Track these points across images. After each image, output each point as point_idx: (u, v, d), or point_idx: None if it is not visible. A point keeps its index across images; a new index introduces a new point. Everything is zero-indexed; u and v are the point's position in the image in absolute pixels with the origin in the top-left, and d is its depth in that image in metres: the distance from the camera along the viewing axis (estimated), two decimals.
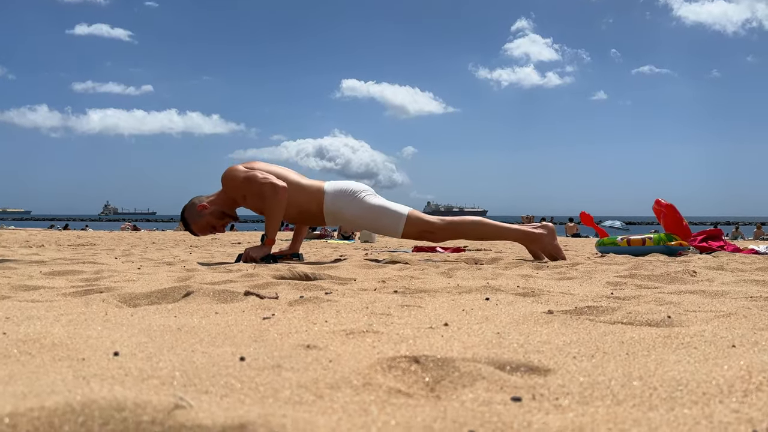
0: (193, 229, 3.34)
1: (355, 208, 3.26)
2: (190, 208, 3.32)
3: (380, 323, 1.16)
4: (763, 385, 0.68)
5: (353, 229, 3.42)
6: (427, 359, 0.77)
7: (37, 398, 0.58)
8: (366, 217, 3.27)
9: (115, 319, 1.18)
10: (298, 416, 0.56)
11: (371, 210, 3.26)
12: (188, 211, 3.33)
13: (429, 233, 3.26)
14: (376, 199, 3.31)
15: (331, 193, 3.27)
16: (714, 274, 2.35)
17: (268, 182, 3.11)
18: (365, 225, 3.30)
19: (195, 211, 3.30)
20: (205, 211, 3.27)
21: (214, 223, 3.30)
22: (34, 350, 0.85)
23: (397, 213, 3.26)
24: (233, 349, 0.88)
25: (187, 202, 3.38)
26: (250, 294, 1.50)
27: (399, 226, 3.25)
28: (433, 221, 3.25)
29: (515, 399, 0.66)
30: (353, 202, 3.26)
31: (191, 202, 3.35)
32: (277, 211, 3.11)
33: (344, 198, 3.26)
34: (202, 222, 3.29)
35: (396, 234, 3.28)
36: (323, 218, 3.31)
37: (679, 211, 4.63)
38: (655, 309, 1.32)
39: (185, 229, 3.42)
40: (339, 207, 3.26)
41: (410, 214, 3.26)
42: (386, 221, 3.26)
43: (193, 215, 3.30)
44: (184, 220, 3.35)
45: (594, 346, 0.93)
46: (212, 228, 3.32)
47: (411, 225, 3.25)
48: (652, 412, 0.62)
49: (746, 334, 0.99)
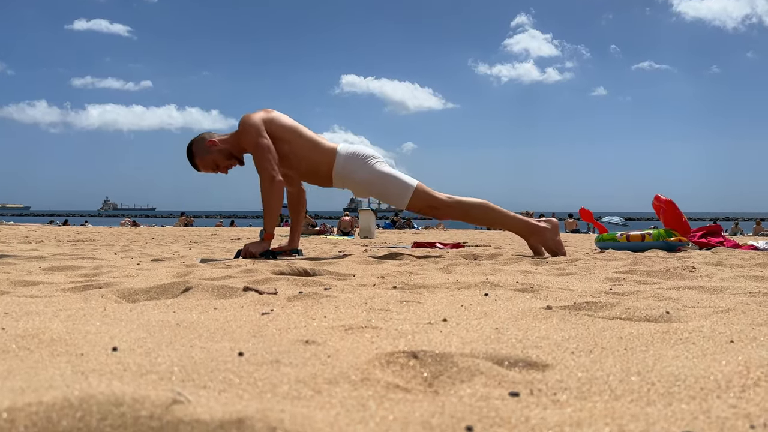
0: (196, 163, 3.24)
1: (364, 173, 3.21)
2: (199, 141, 3.22)
3: (379, 319, 1.16)
4: (761, 380, 0.68)
5: (360, 194, 3.36)
6: (425, 354, 0.77)
7: (36, 393, 0.58)
8: (374, 183, 3.22)
9: (113, 314, 1.18)
10: (296, 411, 0.56)
11: (380, 176, 3.22)
12: (196, 145, 3.23)
13: (434, 208, 3.23)
14: (386, 166, 3.26)
15: (343, 155, 3.21)
16: (713, 270, 2.35)
17: (267, 172, 3.05)
18: (372, 191, 3.25)
19: (204, 145, 3.20)
20: (213, 148, 3.18)
21: (219, 162, 3.21)
22: (32, 345, 0.85)
23: (406, 183, 3.22)
24: (232, 345, 0.88)
25: (196, 136, 3.29)
26: (249, 289, 1.50)
27: (406, 196, 3.21)
28: (440, 197, 3.23)
29: (513, 394, 0.66)
30: (364, 167, 3.21)
31: (201, 136, 3.25)
32: (274, 206, 3.07)
33: (355, 161, 3.21)
34: (208, 158, 3.20)
35: (401, 204, 3.24)
36: (331, 179, 3.25)
37: (679, 207, 4.63)
38: (653, 305, 1.32)
39: (189, 163, 3.27)
40: (349, 170, 3.21)
41: (418, 186, 3.22)
42: (393, 190, 3.22)
43: (201, 149, 3.21)
44: (190, 153, 3.24)
45: (592, 342, 0.93)
46: (216, 166, 3.23)
47: (417, 198, 3.21)
48: (650, 408, 0.62)
49: (744, 330, 0.99)
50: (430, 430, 0.55)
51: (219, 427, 0.50)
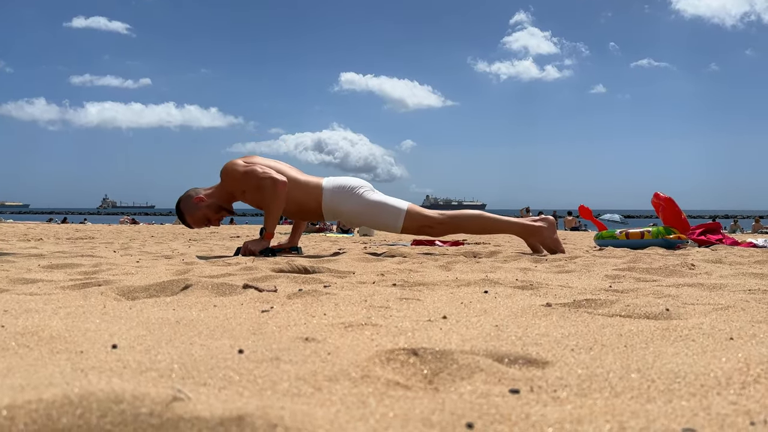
0: (188, 221, 3.32)
1: (353, 205, 3.25)
2: (186, 200, 3.30)
3: (379, 316, 1.16)
4: (761, 377, 0.68)
5: (352, 225, 3.41)
6: (425, 352, 0.77)
7: (35, 390, 0.58)
8: (365, 213, 3.27)
9: (113, 312, 1.18)
10: (296, 408, 0.56)
11: (370, 206, 3.26)
12: (184, 203, 3.31)
13: (428, 228, 3.26)
14: (374, 194, 3.30)
15: (329, 190, 3.26)
16: (712, 267, 2.35)
17: (267, 176, 3.10)
18: (364, 221, 3.30)
19: (191, 203, 3.28)
20: (201, 203, 3.26)
21: (210, 216, 3.29)
22: (32, 343, 0.85)
23: (396, 208, 3.25)
24: (232, 342, 0.88)
25: (183, 194, 3.36)
26: (248, 287, 1.50)
27: (398, 221, 3.24)
28: (432, 216, 3.25)
29: (513, 391, 0.66)
30: (351, 198, 3.25)
31: (187, 193, 3.33)
32: (276, 205, 3.10)
33: (342, 194, 3.26)
34: (198, 215, 3.27)
35: (395, 230, 3.28)
36: (322, 214, 3.31)
37: (678, 205, 4.63)
38: (653, 302, 1.32)
39: (180, 222, 3.42)
40: (337, 203, 3.26)
41: (409, 209, 3.25)
42: (385, 217, 3.26)
43: (189, 207, 3.28)
44: (180, 211, 3.32)
45: (592, 339, 0.93)
46: (208, 221, 3.30)
47: (410, 220, 3.25)
48: (650, 404, 0.62)
49: (744, 327, 0.99)
50: (431, 427, 0.55)
51: (219, 424, 0.50)
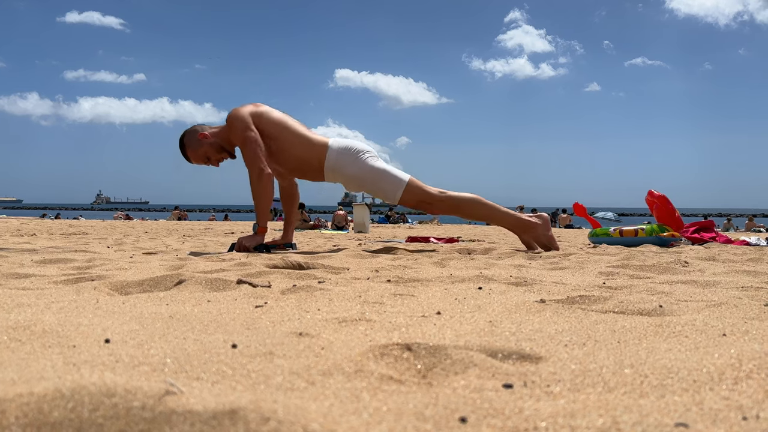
0: (188, 155, 3.26)
1: (356, 168, 3.20)
2: (191, 133, 3.24)
3: (373, 312, 1.16)
4: (753, 372, 0.69)
5: (352, 189, 3.36)
6: (419, 347, 0.77)
7: (27, 384, 0.57)
8: (366, 178, 3.22)
9: (106, 306, 1.17)
10: (289, 402, 0.56)
11: (372, 171, 3.21)
12: (188, 137, 3.24)
13: (426, 203, 3.23)
14: (378, 161, 3.26)
15: (334, 149, 3.21)
16: (705, 265, 2.36)
17: (255, 165, 3.04)
18: (364, 185, 3.25)
19: (195, 137, 3.22)
20: (205, 140, 3.20)
21: (210, 154, 3.22)
22: (24, 337, 0.84)
23: (398, 178, 3.21)
24: (225, 337, 0.88)
25: (188, 127, 3.30)
26: (242, 282, 1.49)
27: (398, 191, 3.21)
28: (432, 192, 3.23)
29: (507, 386, 0.66)
30: (356, 162, 3.21)
31: (193, 128, 3.27)
32: (263, 198, 3.06)
33: (347, 156, 3.21)
34: (199, 150, 3.21)
35: (393, 200, 3.24)
36: (323, 174, 3.25)
37: (672, 203, 4.65)
38: (646, 298, 1.32)
39: (181, 154, 3.30)
40: (341, 164, 3.20)
41: (410, 181, 3.22)
42: (385, 185, 3.21)
43: (192, 142, 3.22)
44: (182, 144, 3.26)
45: (586, 335, 0.93)
46: (207, 159, 3.24)
47: (409, 192, 3.21)
48: (643, 399, 0.62)
49: (737, 323, 1.00)
50: (424, 421, 0.55)
51: (212, 418, 0.50)
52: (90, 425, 0.50)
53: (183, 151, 3.27)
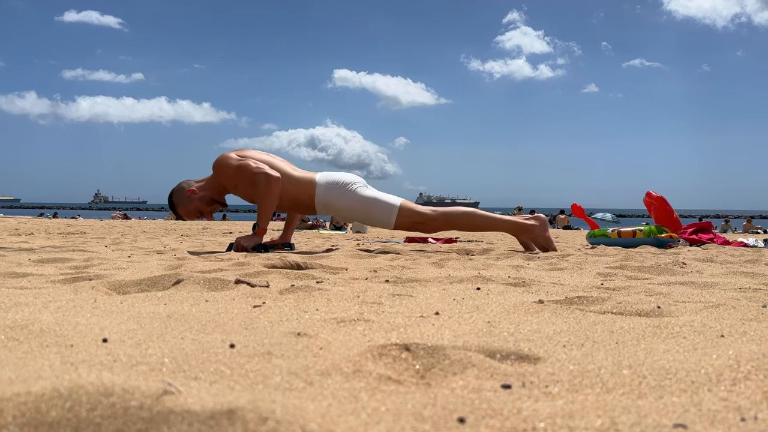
0: (180, 213, 3.31)
1: (346, 200, 3.25)
2: (179, 192, 3.29)
3: (371, 312, 1.16)
4: (751, 374, 0.69)
5: (345, 220, 3.41)
6: (417, 347, 0.77)
7: (24, 384, 0.57)
8: (357, 209, 3.26)
9: (104, 306, 1.17)
10: (287, 402, 0.56)
11: (363, 202, 3.25)
12: (176, 195, 3.29)
13: (421, 224, 3.26)
14: (367, 190, 3.29)
15: (322, 185, 3.25)
16: (703, 266, 2.36)
17: (261, 172, 3.09)
18: (357, 217, 3.29)
19: (183, 195, 3.26)
20: (194, 196, 3.24)
21: (202, 209, 3.27)
22: (21, 336, 0.84)
23: (389, 204, 3.25)
24: (223, 337, 0.88)
25: (175, 186, 3.34)
26: (240, 282, 1.49)
27: (391, 217, 3.24)
28: (425, 212, 3.25)
29: (505, 386, 0.66)
30: (345, 194, 3.25)
31: (179, 186, 3.31)
32: (269, 201, 3.09)
33: (335, 190, 3.25)
34: (190, 207, 3.26)
35: (388, 225, 3.27)
36: (314, 209, 3.30)
37: (670, 204, 4.65)
38: (644, 299, 1.32)
39: (172, 213, 3.38)
40: (330, 199, 3.25)
41: (402, 205, 3.25)
42: (378, 213, 3.25)
43: (182, 199, 3.27)
44: (172, 203, 3.31)
45: (584, 335, 0.93)
46: (200, 214, 3.29)
47: (403, 216, 3.24)
48: (642, 400, 0.62)
49: (735, 325, 1.00)
50: (422, 421, 0.55)
51: (210, 418, 0.50)
52: (87, 425, 0.50)
53: (174, 210, 3.32)
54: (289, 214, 3.63)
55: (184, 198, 3.26)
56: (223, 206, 3.35)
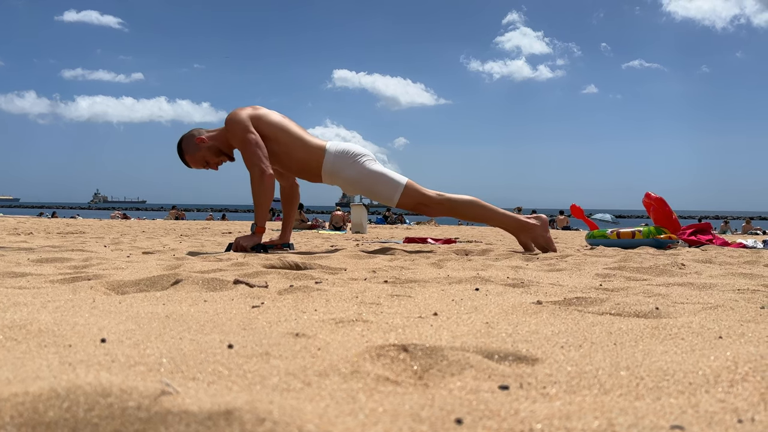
0: (186, 160, 3.28)
1: (353, 171, 3.22)
2: (188, 138, 3.25)
3: (370, 312, 1.16)
4: (748, 375, 0.69)
5: (349, 192, 3.37)
6: (415, 348, 0.77)
7: (22, 384, 0.57)
8: (363, 181, 3.23)
9: (102, 306, 1.17)
10: (285, 403, 0.56)
11: (370, 175, 3.22)
12: (185, 142, 3.26)
13: (424, 206, 3.25)
14: (376, 165, 3.27)
15: (332, 153, 3.22)
16: (702, 267, 2.36)
17: (256, 165, 3.05)
18: (362, 189, 3.26)
19: (193, 142, 3.23)
20: (202, 144, 3.21)
21: (209, 159, 3.24)
22: (20, 336, 0.84)
23: (395, 181, 3.23)
24: (221, 337, 0.88)
25: (185, 132, 3.31)
26: (239, 282, 1.49)
27: (395, 194, 3.22)
28: (430, 194, 3.24)
29: (503, 387, 0.66)
30: (353, 165, 3.22)
31: (190, 132, 3.28)
32: (264, 199, 3.06)
33: (344, 159, 3.22)
34: (197, 155, 3.23)
35: (391, 202, 3.25)
36: (320, 176, 3.27)
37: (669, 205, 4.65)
38: (643, 300, 1.32)
39: (180, 159, 3.32)
40: (338, 168, 3.22)
41: (408, 184, 3.23)
42: (383, 188, 3.23)
43: (190, 146, 3.23)
44: (180, 150, 3.27)
45: (582, 337, 0.93)
46: (206, 163, 3.26)
47: (407, 195, 3.22)
48: (639, 402, 0.62)
49: (733, 326, 1.00)
50: (420, 422, 0.55)
51: (207, 419, 0.50)
52: (85, 425, 0.50)
53: (181, 155, 3.29)
54: (286, 213, 3.63)
55: (193, 145, 3.22)
56: (230, 159, 3.29)
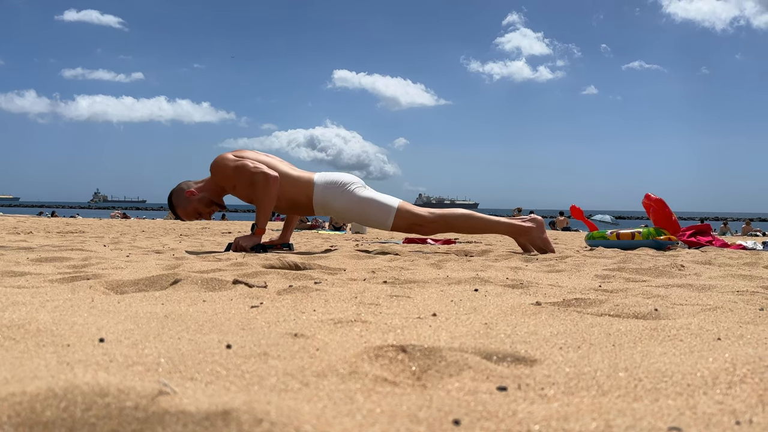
0: (179, 215, 3.32)
1: (344, 201, 3.24)
2: (178, 193, 3.30)
3: (369, 313, 1.16)
4: (747, 377, 0.69)
5: (343, 221, 3.40)
6: (414, 348, 0.77)
7: (20, 383, 0.57)
8: (355, 210, 3.26)
9: (101, 305, 1.17)
10: (282, 403, 0.56)
11: (360, 202, 3.25)
12: (175, 196, 3.30)
13: (419, 226, 3.26)
14: (366, 191, 3.29)
15: (320, 185, 3.25)
16: (702, 269, 2.36)
17: (259, 171, 3.08)
18: (355, 217, 3.29)
19: (183, 196, 3.27)
20: (192, 197, 3.25)
21: (201, 210, 3.28)
22: (18, 336, 0.84)
23: (387, 206, 3.24)
24: (220, 337, 0.88)
25: (174, 187, 3.35)
26: (238, 282, 1.49)
27: (389, 219, 3.24)
28: (423, 214, 3.25)
29: (501, 388, 0.66)
30: (343, 195, 3.24)
31: (179, 186, 3.32)
32: (267, 201, 3.09)
33: (333, 190, 3.25)
34: (189, 208, 3.27)
35: (386, 227, 3.27)
36: (312, 209, 3.30)
37: (669, 206, 4.65)
38: (642, 302, 1.32)
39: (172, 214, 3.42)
40: (328, 199, 3.25)
41: (400, 206, 3.24)
42: (375, 213, 3.25)
43: (181, 201, 3.28)
44: (171, 204, 3.32)
45: (581, 338, 0.93)
46: (199, 215, 3.30)
47: (401, 218, 3.24)
48: (637, 403, 0.62)
49: (732, 328, 1.00)
50: (417, 423, 0.55)
51: (205, 419, 0.50)
52: (82, 425, 0.50)
53: (173, 211, 3.34)
54: (288, 215, 3.64)
55: (183, 199, 3.27)
56: (221, 208, 3.36)
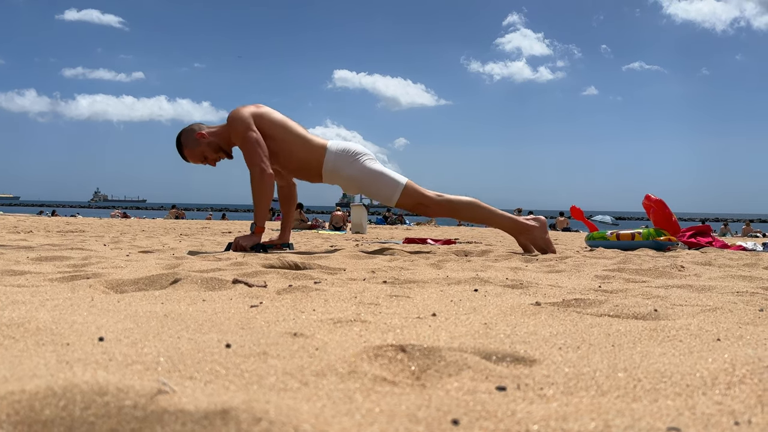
0: (185, 154, 3.27)
1: (353, 170, 3.22)
2: (188, 133, 3.24)
3: (368, 312, 1.16)
4: (746, 378, 0.69)
5: (350, 191, 3.37)
6: (413, 348, 0.77)
7: (19, 382, 0.57)
8: (363, 180, 3.24)
9: (101, 304, 1.17)
10: (281, 403, 0.56)
11: (370, 174, 3.23)
12: (185, 136, 3.25)
13: (423, 206, 3.25)
14: (376, 164, 3.28)
15: (332, 152, 3.23)
16: (701, 270, 2.36)
17: (256, 164, 3.05)
18: (361, 188, 3.27)
19: (192, 137, 3.22)
20: (202, 139, 3.20)
21: (208, 154, 3.23)
22: (17, 334, 0.84)
23: (395, 181, 3.24)
24: (219, 336, 0.88)
25: (186, 126, 3.31)
26: (238, 282, 1.49)
27: (395, 194, 3.22)
28: (430, 195, 3.25)
29: (500, 388, 0.66)
30: (353, 164, 3.23)
31: (190, 127, 3.27)
32: (264, 199, 3.06)
33: (345, 158, 3.23)
34: (197, 150, 3.22)
35: (390, 202, 3.25)
36: (321, 176, 3.27)
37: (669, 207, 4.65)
38: (642, 302, 1.32)
39: (179, 153, 3.30)
40: (339, 167, 3.22)
41: (408, 184, 3.24)
42: (383, 187, 3.23)
43: (189, 141, 3.23)
44: (179, 144, 3.26)
45: (580, 338, 0.93)
46: (205, 158, 3.25)
47: (407, 195, 3.23)
48: (636, 403, 0.62)
49: (731, 328, 1.00)
50: (416, 422, 0.55)
51: (203, 418, 0.50)
52: (81, 424, 0.50)
53: (180, 149, 3.28)
54: (285, 213, 3.63)
55: (193, 140, 3.22)
56: (228, 157, 3.28)
